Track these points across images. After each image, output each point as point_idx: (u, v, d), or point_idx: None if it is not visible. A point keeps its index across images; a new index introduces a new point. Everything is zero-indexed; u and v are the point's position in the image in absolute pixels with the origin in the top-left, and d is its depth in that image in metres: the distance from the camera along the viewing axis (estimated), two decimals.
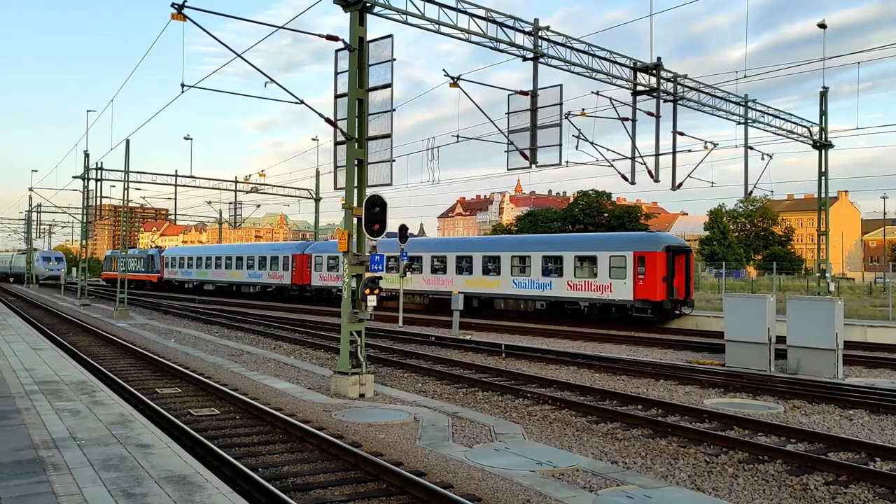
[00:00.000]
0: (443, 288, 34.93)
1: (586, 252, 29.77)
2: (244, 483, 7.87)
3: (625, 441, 10.74)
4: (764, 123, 27.42)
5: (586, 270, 29.53)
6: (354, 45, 13.92)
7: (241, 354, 20.31)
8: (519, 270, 32.07)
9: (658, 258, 27.43)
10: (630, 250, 28.00)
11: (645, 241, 28.87)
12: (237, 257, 51.80)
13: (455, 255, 34.97)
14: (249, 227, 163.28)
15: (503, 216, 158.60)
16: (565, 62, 20.50)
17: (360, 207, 13.92)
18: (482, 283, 33.44)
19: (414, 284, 36.01)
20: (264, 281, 47.96)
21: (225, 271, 52.59)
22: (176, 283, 59.33)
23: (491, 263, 33.26)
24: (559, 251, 30.70)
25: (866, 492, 8.33)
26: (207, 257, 55.75)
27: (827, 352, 16.53)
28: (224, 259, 53.21)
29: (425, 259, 36.10)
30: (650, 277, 27.33)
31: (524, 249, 32.50)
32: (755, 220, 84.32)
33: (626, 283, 27.79)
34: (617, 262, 28.30)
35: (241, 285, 51.06)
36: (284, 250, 47.43)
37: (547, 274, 30.77)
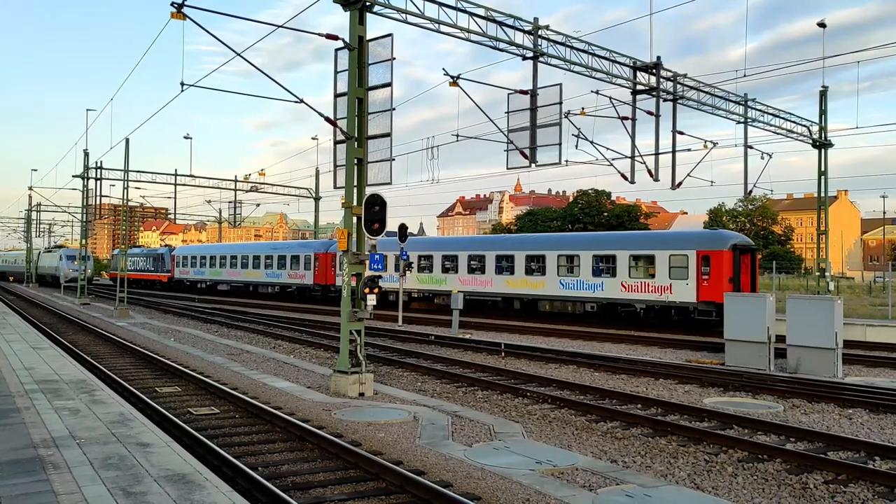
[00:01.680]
0: (481, 289, 33.33)
1: (643, 251, 28.05)
2: (244, 482, 7.87)
3: (624, 440, 10.75)
4: (764, 123, 27.42)
5: (642, 270, 27.83)
6: (354, 44, 13.92)
7: (240, 353, 20.31)
8: (566, 270, 30.26)
9: (724, 257, 25.79)
10: (693, 249, 26.36)
11: (710, 239, 27.22)
12: (254, 256, 49.90)
13: (495, 254, 33.16)
14: (249, 227, 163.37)
15: (503, 215, 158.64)
16: (565, 61, 20.50)
17: (360, 206, 13.92)
18: (525, 283, 31.62)
19: (449, 285, 34.48)
20: (284, 281, 46.26)
21: (241, 271, 50.77)
22: (188, 283, 57.73)
23: (535, 263, 31.43)
24: (612, 250, 28.92)
25: (866, 491, 8.34)
26: (222, 256, 53.82)
27: (826, 351, 16.53)
28: (240, 258, 51.36)
29: (461, 258, 34.50)
30: (715, 278, 25.65)
31: (572, 248, 30.69)
32: (755, 219, 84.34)
33: (689, 283, 26.02)
34: (678, 262, 26.60)
35: (259, 285, 49.23)
36: (307, 249, 45.55)
37: (598, 274, 29.02)
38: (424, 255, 36.08)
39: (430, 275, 35.84)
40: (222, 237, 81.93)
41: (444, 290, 34.41)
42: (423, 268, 35.93)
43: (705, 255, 26.03)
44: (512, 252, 32.51)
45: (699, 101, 24.84)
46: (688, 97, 24.30)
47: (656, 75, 22.32)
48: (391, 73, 14.02)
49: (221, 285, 53.86)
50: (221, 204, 66.46)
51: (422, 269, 36.02)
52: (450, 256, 35.02)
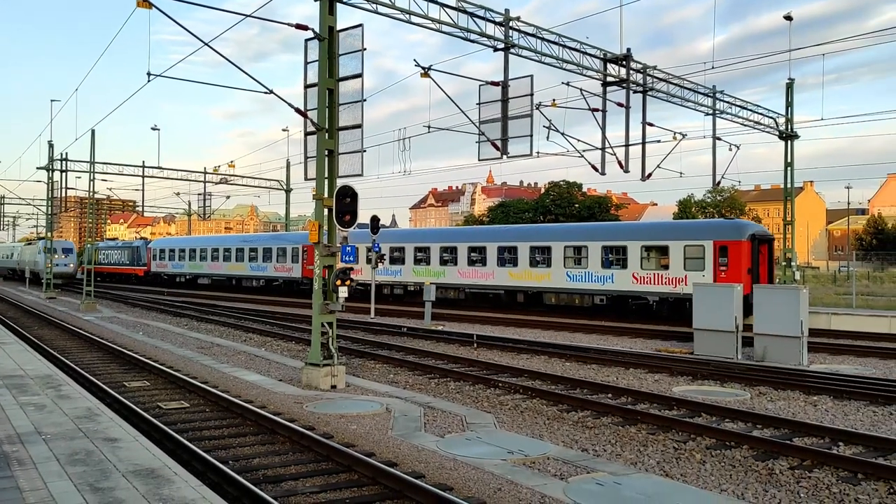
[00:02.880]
0: (482, 281, 32.22)
1: (656, 241, 27.19)
2: (214, 476, 7.81)
3: (595, 429, 10.85)
4: (731, 114, 27.75)
5: (655, 262, 26.88)
6: (324, 34, 13.80)
7: (211, 347, 20.13)
8: (573, 262, 29.17)
9: (743, 248, 24.93)
10: (710, 239, 25.42)
11: (727, 228, 26.30)
12: (237, 249, 48.05)
13: (497, 245, 31.94)
14: (219, 219, 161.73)
15: (475, 207, 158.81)
16: (536, 53, 20.54)
17: (331, 198, 13.83)
18: (529, 275, 30.47)
19: (448, 277, 33.51)
20: (270, 274, 44.64)
21: (223, 264, 48.89)
22: (165, 276, 55.87)
23: (539, 254, 30.31)
24: (623, 240, 27.95)
25: (830, 476, 8.51)
26: (202, 249, 51.68)
27: (792, 339, 16.83)
28: (222, 251, 49.38)
29: (460, 250, 33.37)
30: (734, 269, 24.70)
31: (579, 238, 29.71)
32: (723, 210, 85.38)
33: (705, 275, 24.91)
34: (693, 253, 25.65)
35: (243, 279, 47.66)
36: (294, 241, 43.46)
37: (608, 266, 27.94)
38: (421, 246, 34.93)
39: (427, 267, 34.68)
40: (192, 230, 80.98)
41: (442, 283, 33.33)
42: (420, 260, 34.81)
43: (723, 246, 25.11)
44: (515, 243, 31.42)
45: (668, 93, 25.05)
46: (657, 89, 24.50)
47: (626, 67, 22.47)
48: (362, 64, 13.93)
49: (202, 279, 52.23)
50: (190, 196, 65.53)
51: (418, 262, 34.94)
52: (448, 248, 33.94)
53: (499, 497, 7.41)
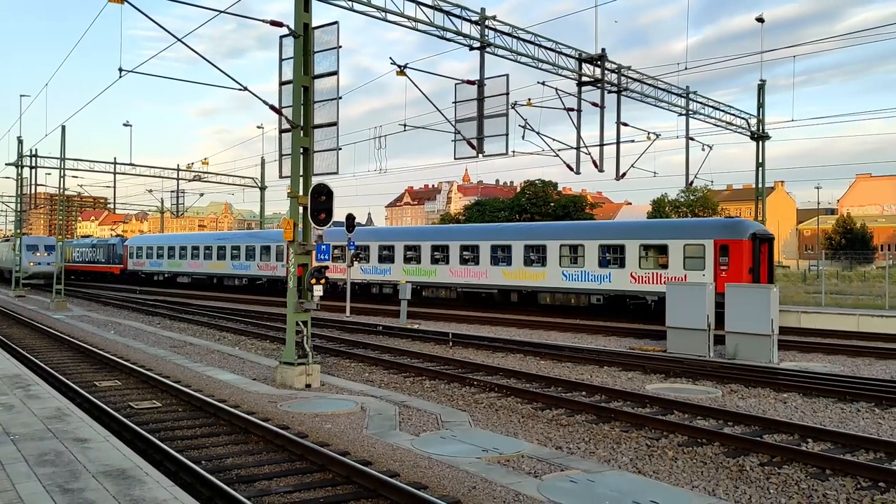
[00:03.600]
0: (475, 280, 31.58)
1: (654, 240, 26.80)
2: (186, 476, 7.74)
3: (569, 427, 10.92)
4: (704, 115, 28.07)
5: (654, 261, 26.49)
6: (299, 31, 13.72)
7: (183, 346, 19.93)
8: (569, 261, 28.67)
9: (744, 247, 24.62)
10: (710, 238, 25.05)
11: (728, 227, 25.86)
12: (219, 247, 46.63)
13: (490, 244, 31.43)
14: (193, 217, 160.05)
15: (451, 205, 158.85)
16: (512, 52, 20.62)
17: (306, 196, 13.77)
18: (523, 275, 29.91)
19: (439, 276, 32.95)
20: (253, 273, 43.39)
21: (204, 262, 47.45)
22: (143, 275, 54.04)
23: (534, 253, 29.75)
24: (621, 239, 27.52)
25: (799, 472, 8.65)
26: (182, 247, 50.19)
27: (763, 337, 17.07)
28: (203, 248, 47.90)
29: (452, 248, 32.67)
30: (735, 269, 24.37)
31: (576, 237, 29.20)
32: (696, 209, 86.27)
33: (706, 275, 24.50)
34: (693, 252, 25.31)
35: (225, 277, 46.10)
36: (279, 239, 41.79)
37: (605, 265, 27.47)
38: (412, 245, 34.34)
39: (417, 266, 33.97)
40: (164, 227, 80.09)
41: (433, 283, 33.07)
42: (411, 259, 34.06)
43: (724, 245, 24.76)
44: (509, 242, 30.93)
45: (643, 94, 25.28)
46: (632, 89, 24.70)
47: (601, 67, 22.63)
48: (337, 62, 13.87)
49: (181, 277, 50.78)
50: (163, 193, 64.88)
51: (408, 261, 34.18)
52: (439, 246, 33.28)
53: (473, 495, 7.43)
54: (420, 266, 33.85)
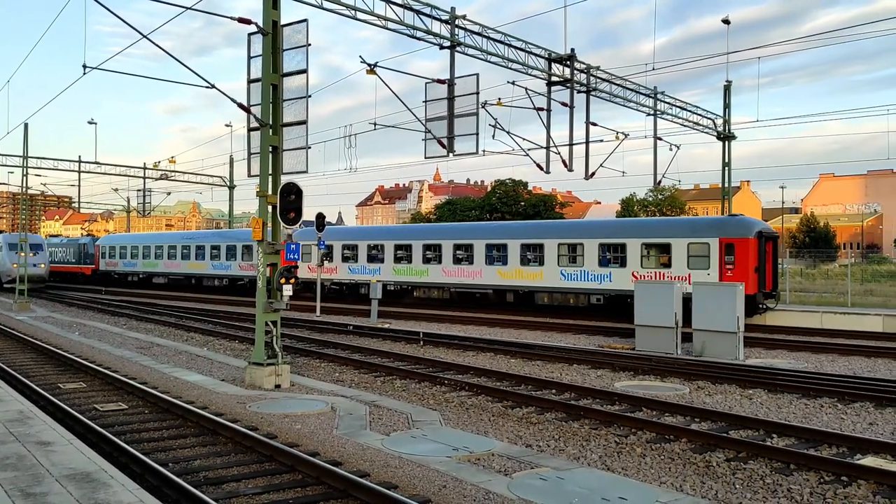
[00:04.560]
0: (469, 280, 30.85)
1: (657, 239, 26.28)
2: (153, 479, 7.63)
3: (539, 425, 10.98)
4: (672, 115, 28.40)
5: (656, 260, 26.04)
6: (268, 28, 13.60)
7: (150, 347, 19.65)
8: (568, 260, 28.06)
9: (750, 245, 24.15)
10: (715, 236, 24.62)
11: (734, 225, 25.28)
12: (198, 246, 45.08)
13: (485, 242, 30.65)
14: (160, 216, 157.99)
15: (422, 204, 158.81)
16: (482, 51, 20.66)
17: (275, 195, 13.66)
18: (520, 274, 29.21)
19: (432, 276, 32.17)
20: (234, 273, 41.89)
21: (181, 262, 45.91)
22: (116, 275, 52.18)
23: (531, 252, 29.11)
24: (622, 238, 26.94)
25: (764, 467, 8.79)
26: (158, 246, 48.45)
27: (729, 335, 17.32)
28: (180, 248, 46.34)
29: (445, 247, 31.87)
30: (741, 267, 23.90)
31: (574, 236, 28.58)
32: (664, 208, 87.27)
33: (710, 273, 24.15)
34: (698, 251, 24.88)
35: (204, 278, 44.51)
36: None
37: (605, 264, 26.93)
38: (402, 244, 33.65)
39: (408, 265, 33.16)
40: (131, 227, 78.87)
41: (424, 283, 32.43)
42: (401, 258, 33.41)
43: (729, 243, 24.31)
44: (505, 240, 30.13)
45: (611, 94, 25.49)
46: (601, 89, 24.90)
47: (570, 67, 22.78)
48: (307, 60, 13.78)
49: (157, 278, 49.10)
50: (129, 192, 63.79)
51: (399, 260, 33.52)
52: (432, 245, 32.50)
53: (443, 494, 7.43)
54: (411, 265, 33.14)
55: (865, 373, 15.79)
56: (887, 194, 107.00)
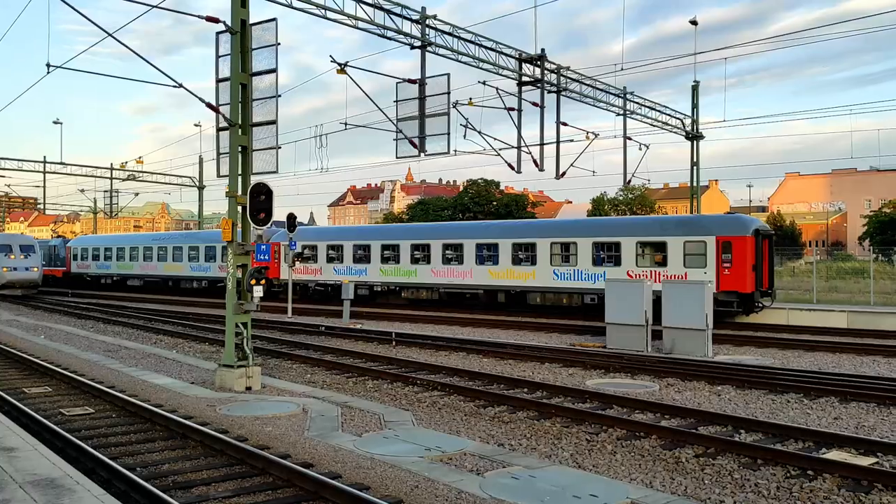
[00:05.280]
0: (459, 280, 30.32)
1: (653, 237, 25.99)
2: (120, 483, 7.52)
3: (511, 423, 11.01)
4: (641, 115, 28.68)
5: (651, 259, 25.84)
6: (236, 27, 13.47)
7: (118, 350, 19.37)
8: (561, 259, 27.71)
9: (748, 243, 23.95)
10: (712, 235, 24.39)
11: (730, 223, 25.18)
12: (175, 247, 43.79)
13: (475, 242, 30.13)
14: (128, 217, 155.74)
15: (394, 204, 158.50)
16: (453, 51, 20.68)
17: (245, 196, 13.54)
18: (511, 274, 28.78)
19: (420, 277, 31.61)
20: (213, 275, 40.56)
21: (158, 264, 44.56)
22: (88, 278, 50.71)
23: (523, 252, 28.68)
24: (616, 236, 26.62)
25: (732, 462, 8.91)
26: (133, 248, 46.96)
27: (698, 332, 17.54)
28: (156, 250, 44.93)
29: (433, 247, 31.34)
30: (738, 265, 23.79)
31: (568, 235, 28.15)
32: (634, 207, 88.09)
33: (707, 272, 23.90)
34: (694, 249, 24.66)
35: (182, 280, 43.33)
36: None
37: (599, 263, 26.59)
38: (389, 244, 33.04)
39: (396, 266, 32.53)
40: (98, 228, 77.64)
41: (413, 283, 31.87)
42: (388, 259, 32.77)
43: (726, 242, 24.12)
44: (496, 240, 29.69)
45: (581, 94, 25.67)
46: (571, 89, 25.07)
47: (541, 67, 22.90)
48: (276, 59, 13.66)
49: (132, 280, 47.35)
50: (96, 193, 62.79)
51: (386, 261, 32.88)
52: (420, 245, 31.92)
53: (416, 494, 7.43)
54: (399, 266, 32.49)
55: (830, 368, 16.09)
56: (851, 193, 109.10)
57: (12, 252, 39.56)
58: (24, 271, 38.87)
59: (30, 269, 38.86)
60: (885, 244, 65.41)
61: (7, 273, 38.41)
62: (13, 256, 39.25)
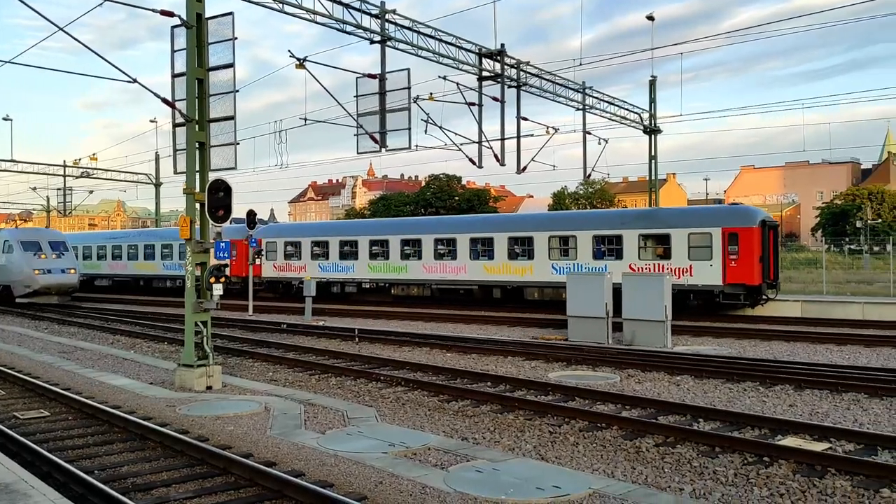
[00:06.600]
0: (452, 276, 29.72)
1: (656, 230, 25.56)
2: (78, 487, 7.36)
3: (475, 417, 11.06)
4: (600, 110, 28.95)
5: (654, 251, 25.40)
6: (192, 21, 13.25)
7: (74, 351, 18.95)
8: (559, 253, 27.14)
9: (754, 234, 23.62)
10: (718, 226, 23.96)
11: (737, 215, 24.83)
12: (146, 245, 42.15)
13: (469, 236, 29.48)
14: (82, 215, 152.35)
15: (356, 200, 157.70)
16: (413, 46, 20.64)
17: (203, 192, 13.34)
18: (507, 269, 28.21)
19: (411, 273, 30.99)
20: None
21: (128, 263, 42.95)
22: None
23: (519, 246, 28.11)
24: (617, 229, 26.11)
25: (691, 450, 9.07)
26: (100, 246, 45.27)
27: (657, 323, 17.81)
28: (126, 248, 43.29)
29: (425, 242, 30.62)
30: (745, 257, 23.43)
31: (566, 228, 27.68)
32: (594, 201, 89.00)
33: (713, 264, 23.66)
34: (699, 241, 24.22)
35: (154, 279, 41.71)
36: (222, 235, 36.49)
37: (600, 256, 26.09)
38: (378, 239, 32.28)
39: (385, 262, 31.79)
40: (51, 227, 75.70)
41: (403, 280, 31.26)
42: (377, 254, 32.14)
43: (733, 233, 23.70)
44: (491, 234, 29.02)
45: (541, 89, 25.82)
46: (531, 84, 25.20)
47: (501, 62, 22.97)
48: (233, 54, 13.49)
49: (100, 280, 45.69)
50: (49, 191, 61.16)
51: (374, 256, 32.18)
52: (411, 240, 31.19)
53: (380, 490, 7.42)
54: (389, 262, 31.76)
55: (786, 357, 16.48)
56: (804, 185, 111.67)
57: (42, 251, 32.83)
58: (59, 274, 32.55)
59: (66, 270, 32.88)
60: (836, 235, 67.16)
61: (39, 276, 31.78)
62: (44, 256, 32.56)
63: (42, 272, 31.78)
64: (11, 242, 32.73)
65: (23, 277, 31.99)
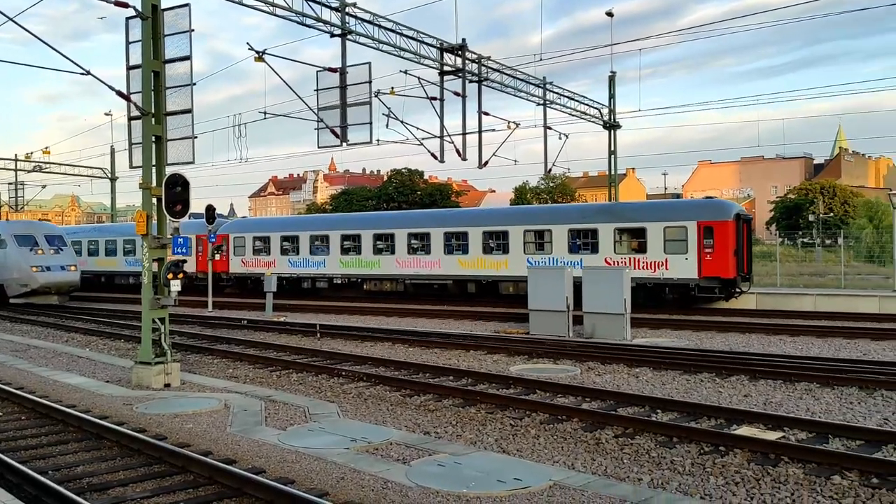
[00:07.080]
0: (426, 271, 29.35)
1: (631, 223, 25.54)
2: (31, 488, 7.20)
3: (437, 412, 11.09)
4: (561, 105, 29.16)
5: (629, 245, 25.42)
6: (147, 13, 12.99)
7: (27, 349, 18.50)
8: (535, 247, 27.07)
9: (729, 228, 23.75)
10: (693, 220, 24.08)
11: (712, 208, 25.01)
12: (108, 241, 40.81)
13: (443, 230, 29.19)
14: (35, 210, 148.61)
15: (318, 195, 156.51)
16: (373, 40, 20.53)
17: (160, 187, 13.12)
18: (481, 263, 27.99)
19: (384, 267, 30.51)
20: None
21: (89, 259, 40.85)
22: None
23: (494, 240, 27.97)
24: (593, 223, 26.06)
25: (650, 441, 9.22)
26: None
27: (617, 316, 18.05)
28: (86, 243, 41.58)
29: (398, 236, 30.27)
30: (720, 251, 23.55)
31: (542, 222, 27.54)
32: (555, 195, 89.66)
33: (689, 258, 23.76)
34: (675, 235, 24.27)
35: (116, 276, 40.27)
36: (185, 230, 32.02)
37: (576, 250, 25.98)
38: (349, 234, 31.69)
39: (357, 257, 31.25)
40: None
41: (376, 275, 30.76)
42: (348, 249, 31.52)
43: (708, 227, 23.80)
44: (465, 228, 28.82)
45: (502, 84, 25.91)
46: (492, 79, 25.27)
47: (462, 57, 22.98)
48: (190, 46, 13.26)
49: None
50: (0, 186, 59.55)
51: (346, 251, 31.60)
52: (383, 235, 30.83)
53: (341, 486, 7.40)
54: (360, 257, 31.28)
55: (741, 348, 16.84)
56: (758, 179, 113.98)
57: (39, 246, 30.26)
58: (59, 271, 30.26)
59: (66, 267, 30.64)
60: (790, 229, 68.70)
61: (38, 274, 29.32)
62: (41, 252, 30.02)
63: (41, 269, 29.61)
64: (4, 237, 30.15)
65: (19, 276, 29.56)
